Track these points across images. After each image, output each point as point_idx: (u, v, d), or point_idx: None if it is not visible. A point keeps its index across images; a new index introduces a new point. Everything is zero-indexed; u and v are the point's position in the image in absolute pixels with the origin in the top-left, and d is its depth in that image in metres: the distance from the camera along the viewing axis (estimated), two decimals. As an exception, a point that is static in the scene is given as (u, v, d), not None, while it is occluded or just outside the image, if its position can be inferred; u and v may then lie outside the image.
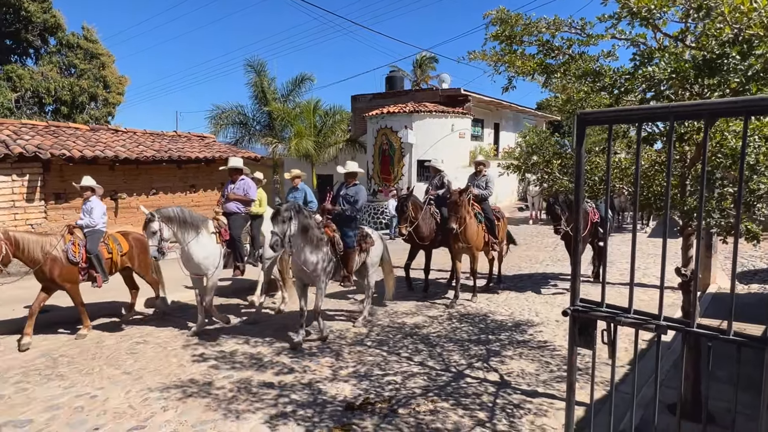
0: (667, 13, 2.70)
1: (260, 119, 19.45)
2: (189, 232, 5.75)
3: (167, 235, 5.55)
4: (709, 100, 2.09)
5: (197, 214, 5.99)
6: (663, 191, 3.45)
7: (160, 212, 5.55)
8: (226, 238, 6.26)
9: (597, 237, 8.13)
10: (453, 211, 6.84)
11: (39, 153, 8.98)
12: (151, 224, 5.43)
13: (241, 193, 6.58)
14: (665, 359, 4.76)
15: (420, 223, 7.52)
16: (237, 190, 6.60)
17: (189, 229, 5.75)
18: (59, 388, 4.42)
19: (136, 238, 6.40)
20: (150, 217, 5.47)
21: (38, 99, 20.61)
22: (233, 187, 6.65)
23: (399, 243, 9.30)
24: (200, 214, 6.06)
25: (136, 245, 6.35)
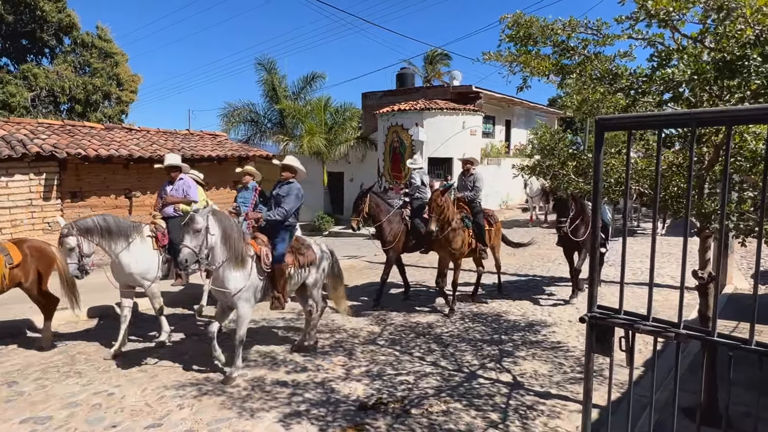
0: (686, 14, 2.66)
1: (271, 117, 19.54)
2: (117, 242, 5.05)
3: (89, 249, 4.84)
4: (732, 107, 2.06)
5: (126, 220, 5.34)
6: (680, 193, 3.41)
7: (77, 224, 4.82)
8: (164, 243, 5.53)
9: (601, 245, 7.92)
10: (433, 212, 6.22)
11: (55, 152, 9.11)
12: (67, 240, 4.70)
13: (180, 195, 5.93)
14: (681, 361, 4.71)
15: (384, 225, 7.04)
16: (175, 192, 5.96)
17: (116, 238, 5.04)
18: (77, 385, 4.50)
19: (34, 247, 5.36)
20: (64, 232, 4.72)
21: (53, 98, 20.88)
22: (171, 188, 6.00)
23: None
24: (131, 220, 5.42)
25: (32, 256, 5.26)
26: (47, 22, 20.72)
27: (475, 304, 7.23)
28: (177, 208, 5.84)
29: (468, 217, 6.79)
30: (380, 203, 7.13)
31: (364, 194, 7.03)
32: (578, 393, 4.29)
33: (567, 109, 4.36)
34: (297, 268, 5.07)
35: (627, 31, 3.15)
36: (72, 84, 20.91)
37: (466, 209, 6.90)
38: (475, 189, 7.09)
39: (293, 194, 5.01)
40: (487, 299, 7.47)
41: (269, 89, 18.92)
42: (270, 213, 4.95)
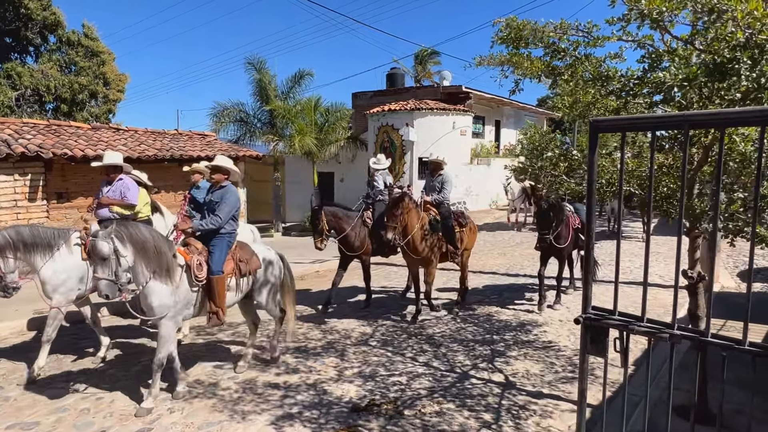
0: (678, 15, 2.68)
1: (261, 117, 19.40)
2: (39, 254, 4.52)
3: (6, 267, 4.36)
4: (724, 110, 2.08)
5: (49, 228, 4.79)
6: (670, 194, 3.45)
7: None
8: None
9: (577, 246, 7.34)
10: (389, 220, 5.78)
11: (41, 152, 8.97)
12: None
13: (117, 197, 5.51)
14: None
15: (349, 234, 6.74)
16: (112, 193, 5.53)
17: (38, 250, 4.52)
18: (64, 390, 4.42)
19: None
20: None
21: (38, 97, 20.56)
22: (108, 189, 5.56)
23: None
24: (55, 228, 4.87)
25: None
26: (32, 20, 20.40)
27: (462, 311, 6.91)
28: (112, 209, 5.47)
29: (437, 220, 6.39)
30: (338, 213, 6.78)
31: (318, 211, 6.61)
32: (570, 393, 4.32)
33: (558, 110, 4.39)
34: (239, 277, 4.55)
35: (617, 32, 3.18)
36: (57, 83, 20.61)
37: (435, 212, 6.50)
38: (443, 191, 6.73)
39: (228, 199, 4.50)
40: (474, 305, 7.21)
41: (259, 89, 18.80)
42: (202, 222, 4.41)
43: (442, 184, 6.79)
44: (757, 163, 1.63)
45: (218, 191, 4.61)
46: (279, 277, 5.02)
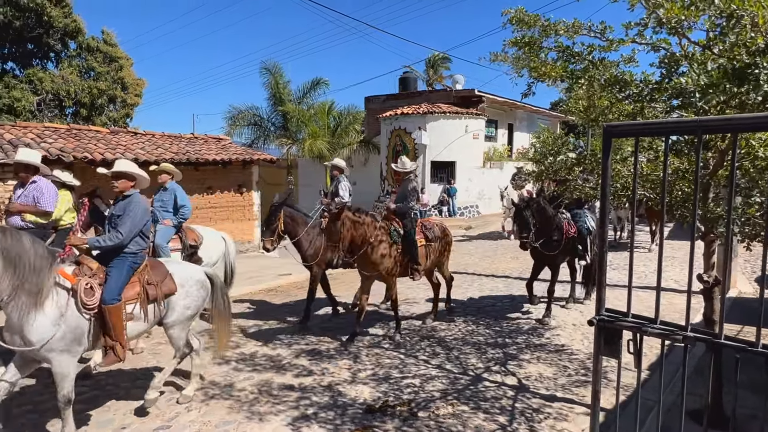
0: (697, 22, 2.69)
1: (275, 120, 19.63)
2: None
3: None
4: (738, 115, 2.09)
5: None
6: (685, 198, 3.44)
7: None
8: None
9: (575, 255, 6.91)
10: (328, 237, 5.34)
11: (62, 156, 9.19)
12: None
13: (30, 202, 4.88)
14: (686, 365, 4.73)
15: (302, 240, 6.28)
16: (25, 198, 4.89)
17: None
18: (85, 387, 4.53)
19: None
20: None
21: (59, 102, 21.02)
22: (20, 193, 4.93)
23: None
24: None
25: None
26: (53, 27, 20.88)
27: (434, 321, 6.52)
28: (24, 217, 4.88)
29: (398, 232, 5.80)
30: (296, 216, 6.34)
31: (277, 209, 6.15)
32: (584, 396, 4.31)
33: (572, 114, 4.39)
34: (145, 304, 3.82)
35: (634, 36, 3.18)
36: (77, 88, 21.05)
37: (397, 223, 5.92)
38: (338, 194, 6.17)
39: (131, 211, 3.79)
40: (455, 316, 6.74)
41: (274, 93, 19.02)
42: (99, 239, 3.75)
43: (337, 188, 6.35)
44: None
45: (121, 202, 3.89)
46: (201, 305, 4.24)
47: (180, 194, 6.06)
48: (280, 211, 6.13)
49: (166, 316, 4.03)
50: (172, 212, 6.06)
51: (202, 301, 4.25)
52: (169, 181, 6.17)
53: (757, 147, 2.81)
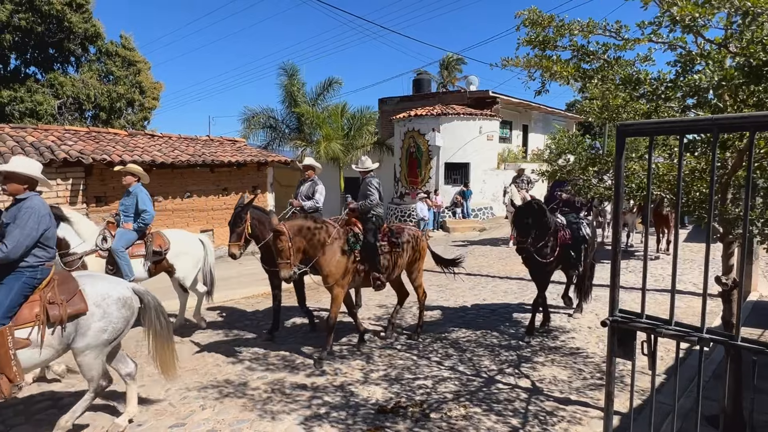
0: (711, 20, 2.65)
1: (290, 123, 19.77)
2: None
3: None
4: (754, 113, 2.05)
5: None
6: (703, 198, 3.38)
7: None
8: None
9: (570, 264, 6.36)
10: (278, 255, 4.82)
11: (81, 158, 9.38)
12: None
13: None
14: (705, 368, 4.65)
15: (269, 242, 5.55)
16: None
17: None
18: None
19: None
20: None
21: (79, 105, 21.45)
22: None
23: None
24: None
25: None
26: (73, 33, 21.32)
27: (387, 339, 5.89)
28: None
29: (356, 236, 5.31)
30: (264, 219, 5.75)
31: (242, 210, 5.57)
32: (598, 400, 4.26)
33: (587, 114, 4.35)
34: (43, 327, 3.27)
35: (648, 35, 3.14)
36: (96, 92, 21.47)
37: (358, 226, 5.41)
38: (366, 197, 5.50)
39: (22, 219, 3.24)
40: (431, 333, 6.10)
41: (289, 95, 19.17)
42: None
43: (366, 190, 5.61)
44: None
45: (12, 208, 3.33)
46: (123, 327, 3.68)
47: (142, 198, 5.73)
48: (247, 213, 5.59)
49: (75, 341, 3.43)
50: (132, 217, 5.75)
51: (125, 323, 3.67)
52: (135, 183, 5.87)
53: (776, 146, 2.75)
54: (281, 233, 4.75)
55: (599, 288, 8.05)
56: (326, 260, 5.08)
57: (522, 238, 5.52)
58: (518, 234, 5.58)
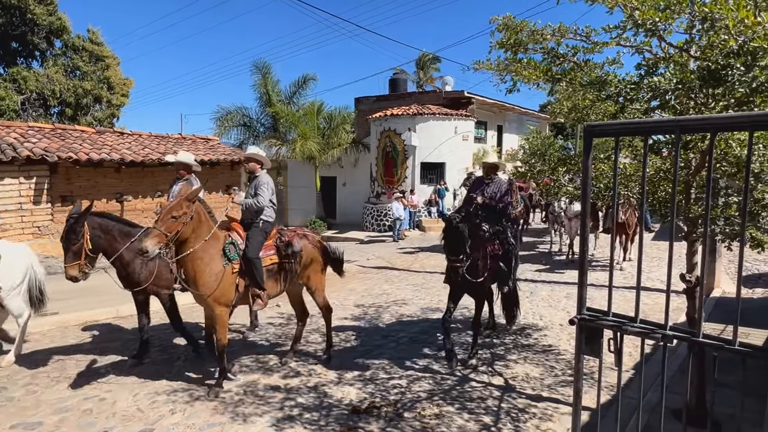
0: (672, 24, 2.73)
1: (264, 121, 19.55)
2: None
3: None
4: (715, 115, 2.12)
5: None
6: (668, 198, 3.48)
7: None
8: None
9: (501, 279, 5.34)
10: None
11: (46, 156, 9.07)
12: None
13: None
14: (670, 363, 4.78)
15: (124, 257, 4.74)
16: None
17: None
18: (68, 390, 4.47)
19: None
20: None
21: (43, 101, 20.76)
22: None
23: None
24: None
25: None
26: (38, 25, 20.62)
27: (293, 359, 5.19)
28: None
29: (235, 244, 4.49)
30: (110, 227, 4.74)
31: (76, 222, 4.45)
32: (569, 396, 4.33)
33: (557, 115, 4.43)
34: None
35: (615, 38, 3.22)
36: (62, 87, 20.81)
37: (239, 233, 4.64)
38: (257, 197, 4.73)
39: None
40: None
41: (263, 93, 18.95)
42: None
43: (256, 190, 4.80)
44: (746, 165, 1.67)
45: None
46: None
47: None
48: (83, 224, 4.47)
49: None
50: None
51: None
52: None
53: (735, 146, 2.85)
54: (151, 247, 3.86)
55: (572, 286, 8.22)
56: (200, 273, 4.23)
57: (455, 256, 4.49)
58: (450, 253, 4.52)
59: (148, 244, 3.84)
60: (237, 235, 4.59)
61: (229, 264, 4.39)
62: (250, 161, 4.96)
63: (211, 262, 4.30)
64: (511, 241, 5.39)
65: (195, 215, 4.17)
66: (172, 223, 3.99)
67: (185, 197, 4.15)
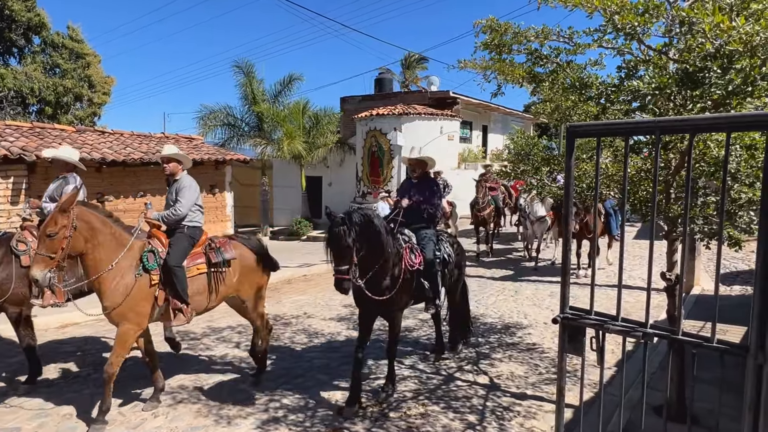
0: (650, 28, 2.78)
1: (249, 120, 19.36)
2: None
3: None
4: (694, 116, 2.16)
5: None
6: (649, 197, 3.53)
7: None
8: None
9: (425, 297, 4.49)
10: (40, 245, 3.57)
11: (24, 155, 8.85)
12: None
13: None
14: (651, 360, 4.86)
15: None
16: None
17: None
18: (47, 395, 4.37)
19: None
20: None
21: (21, 99, 20.30)
22: None
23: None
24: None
25: None
26: (15, 22, 20.15)
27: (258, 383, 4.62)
28: None
29: (155, 252, 3.95)
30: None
31: None
32: (553, 394, 4.35)
33: (540, 115, 4.47)
34: None
35: (597, 41, 3.26)
36: (41, 85, 20.36)
37: (161, 239, 4.09)
38: (177, 203, 4.20)
39: None
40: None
41: (247, 92, 18.78)
42: None
43: (177, 193, 4.27)
44: (723, 165, 1.70)
45: None
46: None
47: None
48: None
49: None
50: None
51: None
52: None
53: (713, 147, 2.91)
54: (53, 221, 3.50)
55: (555, 285, 8.30)
56: (110, 286, 3.73)
57: (341, 267, 3.67)
58: (336, 263, 3.71)
59: (35, 273, 3.46)
60: (158, 242, 4.04)
61: (144, 275, 3.84)
62: (169, 162, 4.36)
63: (120, 272, 3.76)
64: (442, 255, 4.60)
65: (82, 224, 3.64)
66: (51, 242, 3.49)
67: (58, 208, 3.58)
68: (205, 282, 4.21)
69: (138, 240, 3.96)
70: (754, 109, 2.49)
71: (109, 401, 3.83)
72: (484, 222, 11.68)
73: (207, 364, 5.11)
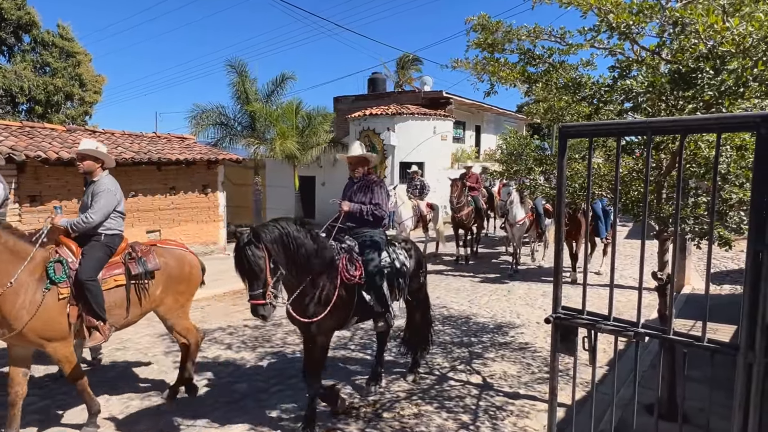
0: (645, 27, 2.80)
1: (242, 120, 19.28)
2: None
3: None
4: (685, 117, 2.17)
5: None
6: (640, 198, 3.55)
7: None
8: None
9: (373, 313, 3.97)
10: None
11: (13, 155, 8.76)
12: None
13: None
14: (642, 359, 4.89)
15: None
16: None
17: None
18: (36, 396, 4.32)
19: None
20: None
21: (11, 98, 20.09)
22: None
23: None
24: None
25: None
26: (5, 20, 19.94)
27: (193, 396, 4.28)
28: None
29: (63, 262, 3.53)
30: None
31: None
32: (546, 393, 4.38)
33: (533, 115, 4.49)
34: None
35: (590, 41, 3.28)
36: (31, 84, 20.15)
37: (71, 247, 3.66)
38: (93, 208, 3.73)
39: None
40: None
41: (240, 92, 18.70)
42: None
43: (93, 196, 3.79)
44: (713, 165, 1.71)
45: None
46: None
47: None
48: None
49: None
50: None
51: None
52: None
53: (704, 148, 2.93)
54: None
55: (548, 284, 8.33)
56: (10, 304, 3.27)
57: (254, 291, 3.17)
58: (248, 287, 3.21)
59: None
60: (67, 251, 3.60)
61: (52, 288, 3.42)
62: (84, 160, 3.81)
63: (22, 288, 3.31)
64: (391, 265, 4.06)
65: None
66: None
67: None
68: (124, 295, 3.79)
69: (42, 250, 3.50)
70: (744, 110, 2.52)
71: (96, 404, 3.76)
72: (462, 224, 10.68)
73: (200, 366, 5.07)
